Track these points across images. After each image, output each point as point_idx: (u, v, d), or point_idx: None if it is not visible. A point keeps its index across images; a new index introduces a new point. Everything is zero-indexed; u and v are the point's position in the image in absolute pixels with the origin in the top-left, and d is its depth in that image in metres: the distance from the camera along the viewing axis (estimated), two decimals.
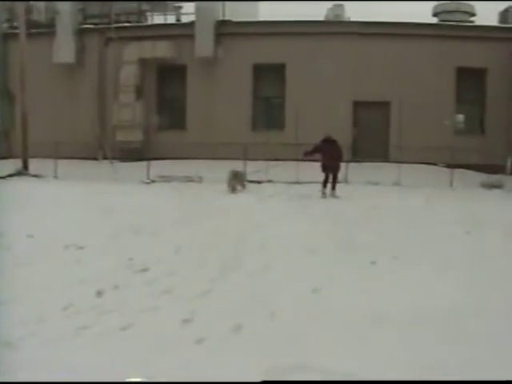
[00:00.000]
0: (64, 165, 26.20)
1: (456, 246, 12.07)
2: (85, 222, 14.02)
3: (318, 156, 21.02)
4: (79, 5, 31.90)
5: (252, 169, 23.95)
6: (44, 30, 31.44)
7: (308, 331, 6.86)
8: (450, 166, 24.85)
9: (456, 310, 7.66)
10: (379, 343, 6.54)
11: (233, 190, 21.46)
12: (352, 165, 24.29)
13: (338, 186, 20.97)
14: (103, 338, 6.50)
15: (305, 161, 21.51)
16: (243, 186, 22.03)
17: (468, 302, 8.02)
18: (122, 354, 6.09)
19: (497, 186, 24.36)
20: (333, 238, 12.61)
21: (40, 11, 32.66)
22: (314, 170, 22.67)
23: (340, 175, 21.74)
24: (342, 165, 22.10)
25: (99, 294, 8.13)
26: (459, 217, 15.92)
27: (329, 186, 20.76)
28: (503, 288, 8.82)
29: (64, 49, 30.77)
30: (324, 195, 20.48)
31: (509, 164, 26.76)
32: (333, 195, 20.50)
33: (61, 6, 31.10)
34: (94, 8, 32.37)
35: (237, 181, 21.98)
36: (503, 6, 31.11)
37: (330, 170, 20.76)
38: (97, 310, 7.41)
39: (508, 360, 6.13)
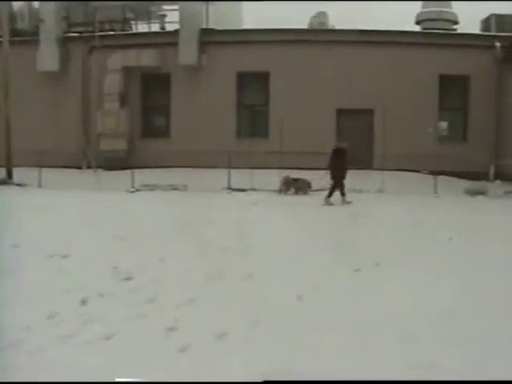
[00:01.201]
0: (48, 174, 26.12)
1: (439, 252, 12.17)
2: (69, 230, 14.01)
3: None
4: (63, 13, 31.84)
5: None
6: (28, 38, 31.40)
7: (292, 338, 6.91)
8: (433, 173, 24.96)
9: (441, 316, 7.73)
10: (365, 349, 6.59)
11: (285, 192, 23.39)
12: None
13: (322, 192, 21.09)
14: (88, 347, 6.52)
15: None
16: (298, 191, 23.29)
17: (455, 307, 8.11)
18: (107, 362, 6.11)
19: (480, 192, 24.48)
20: (317, 245, 12.68)
21: (24, 19, 32.62)
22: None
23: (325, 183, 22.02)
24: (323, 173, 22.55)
25: (84, 302, 8.14)
26: (443, 223, 16.03)
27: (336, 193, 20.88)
28: (488, 293, 8.89)
29: (48, 57, 30.72)
30: (327, 203, 20.49)
31: (491, 171, 26.94)
32: (343, 202, 20.58)
33: (45, 13, 31.05)
34: (78, 16, 32.32)
35: (289, 185, 23.57)
36: (485, 14, 31.40)
37: (336, 179, 20.83)
38: (81, 319, 7.42)
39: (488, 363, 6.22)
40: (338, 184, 20.81)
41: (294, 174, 23.73)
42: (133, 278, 9.52)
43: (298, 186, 23.44)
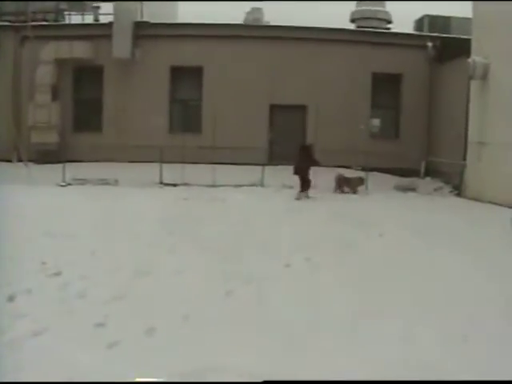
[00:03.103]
0: None
1: (368, 248, 12.35)
2: None
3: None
4: None
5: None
6: None
7: (220, 333, 6.96)
8: (365, 169, 25.23)
9: (363, 312, 7.89)
10: (289, 346, 6.68)
11: (341, 191, 23.61)
12: (268, 168, 24.47)
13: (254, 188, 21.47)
14: (16, 344, 6.45)
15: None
16: (353, 189, 23.59)
17: (371, 305, 8.28)
18: (34, 359, 6.07)
19: (411, 188, 24.91)
20: (245, 240, 12.75)
21: None
22: (230, 174, 22.98)
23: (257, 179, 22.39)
24: (258, 168, 22.83)
25: (11, 298, 8.04)
26: (373, 220, 16.23)
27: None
28: (413, 290, 9.08)
29: None
30: (298, 197, 21.22)
31: (422, 168, 27.34)
32: (305, 196, 21.37)
33: None
34: (10, 5, 31.70)
35: (342, 184, 23.82)
36: (419, 14, 32.02)
37: (299, 174, 21.64)
38: (9, 315, 7.33)
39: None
40: (301, 178, 21.53)
41: (228, 169, 23.85)
42: (62, 273, 9.44)
43: (351, 185, 23.69)
